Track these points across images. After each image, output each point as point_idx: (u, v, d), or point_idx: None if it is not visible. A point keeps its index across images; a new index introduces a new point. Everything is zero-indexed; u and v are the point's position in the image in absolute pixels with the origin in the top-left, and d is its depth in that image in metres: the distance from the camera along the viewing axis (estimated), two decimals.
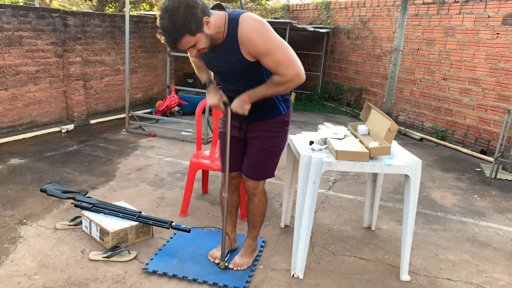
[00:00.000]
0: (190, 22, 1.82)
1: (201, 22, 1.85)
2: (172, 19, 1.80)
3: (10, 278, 2.34)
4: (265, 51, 1.95)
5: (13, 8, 4.92)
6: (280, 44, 1.98)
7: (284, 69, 1.99)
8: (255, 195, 2.44)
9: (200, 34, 1.88)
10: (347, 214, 3.44)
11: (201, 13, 1.84)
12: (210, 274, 2.45)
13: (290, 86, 2.06)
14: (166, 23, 1.82)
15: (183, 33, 1.84)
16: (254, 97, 2.12)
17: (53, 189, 3.07)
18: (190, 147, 5.09)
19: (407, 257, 2.53)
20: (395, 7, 6.96)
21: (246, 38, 1.94)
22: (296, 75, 2.01)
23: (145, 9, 10.36)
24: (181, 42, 1.88)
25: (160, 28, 1.86)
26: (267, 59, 1.97)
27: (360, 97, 7.91)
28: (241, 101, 2.15)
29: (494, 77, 5.36)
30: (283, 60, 1.98)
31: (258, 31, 1.93)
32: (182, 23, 1.81)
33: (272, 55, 1.96)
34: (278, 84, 2.05)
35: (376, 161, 2.35)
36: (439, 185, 4.28)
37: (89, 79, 5.96)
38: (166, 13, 1.81)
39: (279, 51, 1.97)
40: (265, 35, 1.94)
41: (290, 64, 1.99)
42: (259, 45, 1.94)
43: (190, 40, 1.88)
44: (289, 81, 2.02)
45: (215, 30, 1.94)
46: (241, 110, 2.16)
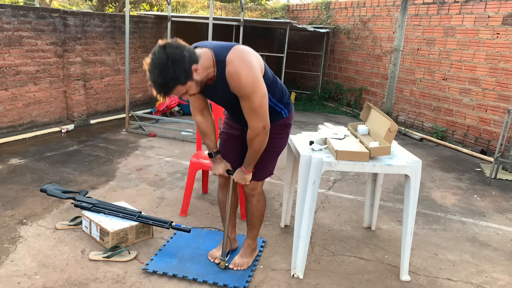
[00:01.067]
0: (178, 75, 1.86)
1: (189, 72, 1.89)
2: (161, 75, 1.85)
3: (10, 278, 2.34)
4: (245, 96, 2.02)
5: (13, 8, 4.92)
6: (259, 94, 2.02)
7: (253, 119, 2.07)
8: (253, 196, 2.45)
9: (190, 82, 1.92)
10: (347, 214, 3.44)
11: (189, 63, 1.88)
12: (210, 274, 2.45)
13: (259, 140, 2.14)
14: (156, 78, 1.86)
15: (173, 85, 1.89)
16: (250, 165, 2.26)
17: (53, 189, 3.07)
18: (190, 147, 5.09)
19: (407, 257, 2.53)
20: (395, 7, 6.96)
21: (231, 81, 1.99)
22: (262, 129, 2.09)
23: (145, 9, 10.36)
24: (173, 92, 1.94)
25: (150, 81, 1.90)
26: (244, 103, 2.05)
27: (360, 97, 7.91)
28: (241, 173, 2.30)
29: (494, 77, 5.36)
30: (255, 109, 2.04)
31: (241, 77, 1.96)
32: (171, 78, 1.86)
33: (249, 101, 2.02)
34: (251, 141, 2.15)
35: (376, 161, 2.35)
36: (439, 185, 4.28)
37: (89, 79, 5.96)
38: (155, 69, 1.85)
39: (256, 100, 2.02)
40: (247, 81, 1.97)
41: (260, 115, 2.06)
42: (240, 90, 2.00)
43: (181, 89, 1.93)
44: (257, 135, 2.11)
45: (204, 72, 1.99)
46: (243, 181, 2.32)
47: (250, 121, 2.10)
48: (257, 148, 2.18)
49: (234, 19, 6.98)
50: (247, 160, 2.25)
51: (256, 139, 2.14)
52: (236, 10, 10.25)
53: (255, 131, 2.11)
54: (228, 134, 2.44)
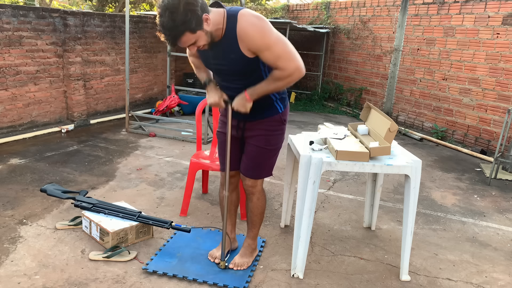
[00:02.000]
0: (190, 19, 1.81)
1: (201, 20, 1.85)
2: (172, 17, 1.80)
3: (10, 278, 2.34)
4: (264, 46, 1.95)
5: (13, 8, 4.92)
6: (279, 38, 1.98)
7: (284, 63, 1.98)
8: (254, 194, 2.44)
9: (200, 31, 1.87)
10: (347, 214, 3.44)
11: (201, 11, 1.84)
12: (210, 274, 2.45)
13: (291, 81, 2.05)
14: (166, 21, 1.81)
15: (183, 30, 1.84)
16: (256, 94, 2.12)
17: (53, 189, 3.07)
18: (190, 147, 5.09)
19: (407, 257, 2.53)
20: (395, 7, 6.96)
21: (245, 34, 1.94)
22: (296, 69, 2.01)
23: (145, 9, 10.36)
24: (181, 40, 1.88)
25: (160, 26, 1.85)
26: (266, 54, 1.97)
27: (360, 97, 7.91)
28: (242, 99, 2.15)
29: (494, 77, 5.36)
30: (282, 54, 1.98)
31: (256, 26, 1.93)
32: (182, 21, 1.81)
33: (271, 49, 1.96)
34: (279, 79, 2.04)
35: (376, 161, 2.35)
36: (439, 185, 4.28)
37: (89, 79, 5.96)
38: (166, 11, 1.80)
39: (279, 45, 1.97)
40: (264, 30, 1.94)
41: (290, 57, 1.99)
42: (258, 39, 1.94)
43: (190, 37, 1.88)
44: (290, 75, 2.02)
45: (214, 27, 1.94)
46: (243, 108, 2.16)
47: (281, 64, 1.98)
48: (278, 86, 2.07)
49: None
50: (255, 88, 2.11)
51: (286, 80, 2.03)
52: None
53: (288, 71, 1.99)
54: (226, 134, 2.42)
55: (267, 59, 1.99)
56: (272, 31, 1.97)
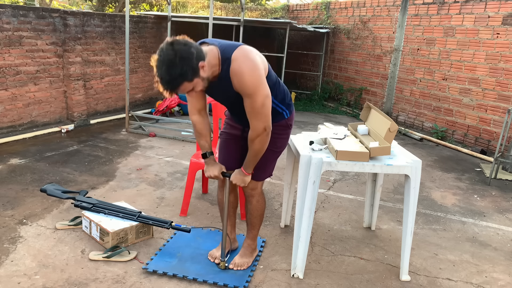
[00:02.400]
0: (186, 71, 1.87)
1: (197, 69, 1.90)
2: (168, 71, 1.86)
3: (10, 278, 2.34)
4: (247, 95, 2.03)
5: (13, 8, 4.92)
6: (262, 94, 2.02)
7: (255, 119, 2.08)
8: (253, 196, 2.45)
9: (197, 79, 1.93)
10: (347, 214, 3.44)
11: (196, 60, 1.89)
12: (210, 274, 2.45)
13: (262, 140, 2.13)
14: (164, 75, 1.87)
15: (181, 82, 1.90)
16: (249, 166, 2.25)
17: (53, 189, 3.07)
18: (190, 147, 5.09)
19: (407, 257, 2.52)
20: (395, 7, 6.96)
21: (235, 79, 2.01)
22: (263, 129, 2.09)
23: (145, 9, 10.36)
24: (179, 89, 1.94)
25: (157, 78, 1.90)
26: (247, 102, 2.06)
27: (360, 97, 7.91)
28: (240, 175, 2.28)
29: (494, 77, 5.36)
30: (257, 109, 2.04)
31: (244, 76, 1.98)
32: (179, 74, 1.86)
33: (251, 100, 2.03)
34: (252, 141, 2.14)
35: (376, 161, 2.35)
36: (439, 185, 4.28)
37: (89, 79, 5.96)
38: (162, 65, 1.86)
39: (259, 100, 2.02)
40: (250, 81, 1.99)
41: (262, 116, 2.06)
42: (244, 88, 2.01)
43: (188, 86, 1.94)
44: (258, 135, 2.11)
45: (210, 70, 2.00)
46: (242, 183, 2.30)
47: (252, 121, 2.10)
48: (257, 148, 2.17)
49: (234, 19, 6.98)
50: (247, 161, 2.24)
51: (257, 140, 2.13)
52: (236, 10, 10.25)
53: (256, 132, 2.11)
54: (229, 134, 2.45)
55: (246, 105, 2.07)
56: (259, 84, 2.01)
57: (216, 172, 2.32)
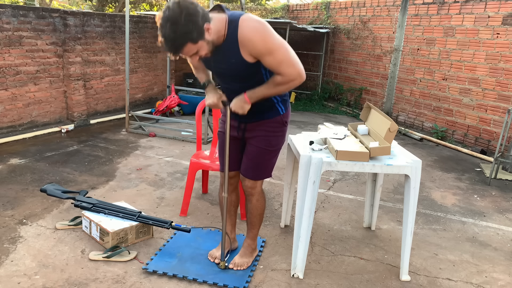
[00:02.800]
0: (192, 30, 1.81)
1: (202, 30, 1.85)
2: (173, 28, 1.80)
3: (10, 278, 2.34)
4: (266, 51, 1.95)
5: (13, 8, 4.92)
6: (281, 43, 1.98)
7: (285, 68, 1.99)
8: (253, 195, 2.45)
9: (201, 41, 1.88)
10: (347, 214, 3.44)
11: (202, 20, 1.84)
12: (210, 274, 2.45)
13: (291, 86, 2.06)
14: (168, 33, 1.81)
15: (185, 42, 1.84)
16: (255, 97, 2.12)
17: (53, 189, 3.07)
18: (190, 147, 5.09)
19: (407, 257, 2.52)
20: (395, 7, 6.96)
21: (246, 39, 1.94)
22: (298, 75, 2.01)
23: (145, 9, 10.36)
24: (183, 50, 1.88)
25: (161, 37, 1.85)
26: (268, 59, 1.98)
27: (360, 97, 7.91)
28: (241, 101, 2.15)
29: (494, 77, 5.36)
30: (284, 60, 1.98)
31: (258, 32, 1.93)
32: (183, 32, 1.81)
33: (273, 55, 1.96)
34: (280, 83, 2.05)
35: (376, 161, 2.35)
36: (439, 185, 4.28)
37: (89, 79, 5.96)
38: (167, 22, 1.80)
39: (280, 50, 1.97)
40: (266, 35, 1.94)
41: (291, 63, 1.99)
42: (259, 45, 1.94)
43: (192, 48, 1.88)
44: (291, 81, 2.03)
45: (215, 34, 1.94)
46: (241, 110, 2.16)
47: (282, 70, 1.99)
48: (279, 90, 2.08)
49: None
50: (256, 90, 2.11)
51: (287, 85, 2.04)
52: (236, 10, 10.25)
53: (289, 76, 2.00)
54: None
55: (269, 64, 2.00)
56: (274, 37, 1.97)
57: (216, 99, 2.22)
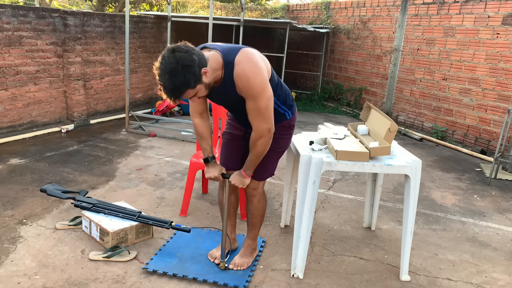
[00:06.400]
0: (189, 79, 1.88)
1: (199, 75, 1.91)
2: (171, 80, 1.87)
3: (10, 278, 2.34)
4: (251, 97, 2.03)
5: (13, 8, 4.92)
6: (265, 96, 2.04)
7: (258, 121, 2.08)
8: (254, 196, 2.45)
9: (199, 85, 1.94)
10: (347, 214, 3.44)
11: (198, 67, 1.89)
12: (210, 274, 2.45)
13: (264, 142, 2.14)
14: (166, 83, 1.88)
15: (184, 90, 1.92)
16: (249, 169, 2.26)
17: (53, 189, 3.07)
18: (190, 147, 5.09)
19: (407, 257, 2.53)
20: (395, 7, 6.96)
21: (239, 82, 2.01)
22: (266, 131, 2.10)
23: (145, 9, 10.36)
24: (182, 96, 1.95)
25: (160, 85, 1.90)
26: (250, 104, 2.06)
27: (360, 97, 7.91)
28: (240, 177, 2.29)
29: (494, 77, 5.36)
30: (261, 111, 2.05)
31: (248, 79, 1.99)
32: (181, 82, 1.88)
33: (255, 102, 2.03)
34: (254, 143, 2.15)
35: (376, 161, 2.35)
36: (439, 185, 4.28)
37: (89, 79, 5.96)
38: (165, 74, 1.86)
39: (263, 102, 2.03)
40: (255, 82, 2.00)
41: (266, 117, 2.07)
42: (247, 91, 2.02)
43: (191, 92, 1.95)
44: (260, 137, 2.11)
45: (213, 75, 2.00)
46: (241, 185, 2.30)
47: (254, 122, 2.10)
48: (259, 151, 2.18)
49: (234, 19, 6.98)
50: (247, 163, 2.25)
51: (260, 141, 2.14)
52: (236, 10, 10.25)
53: (259, 133, 2.11)
54: (232, 134, 2.45)
55: (248, 107, 2.08)
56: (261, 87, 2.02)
57: (216, 173, 2.33)
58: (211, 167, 2.36)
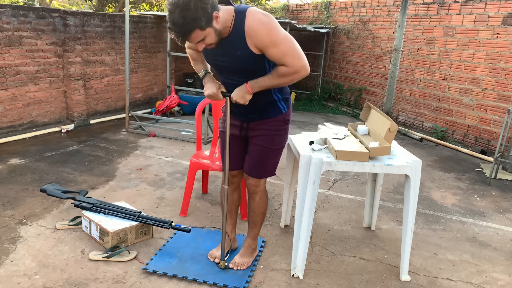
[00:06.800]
0: (200, 17, 1.83)
1: (211, 17, 1.87)
2: (182, 14, 1.81)
3: (10, 278, 2.34)
4: (271, 43, 1.97)
5: (13, 8, 4.92)
6: (286, 36, 2.01)
7: (290, 60, 2.01)
8: (256, 193, 2.45)
9: (209, 28, 1.89)
10: (347, 214, 3.44)
11: (211, 8, 1.86)
12: (210, 274, 2.45)
13: (295, 78, 2.08)
14: (177, 18, 1.82)
15: (193, 27, 1.85)
16: (258, 87, 2.11)
17: (53, 189, 3.07)
18: (190, 147, 5.09)
19: (407, 257, 2.53)
20: (395, 7, 6.96)
21: (252, 30, 1.95)
22: (302, 67, 2.04)
23: (145, 9, 10.36)
24: (191, 36, 1.89)
25: (169, 23, 1.85)
26: (273, 50, 1.99)
27: (360, 97, 7.91)
28: (243, 91, 2.12)
29: (494, 77, 5.36)
30: (289, 51, 2.00)
31: (264, 24, 1.95)
32: (192, 18, 1.82)
33: (278, 47, 1.98)
34: (283, 75, 2.06)
35: (376, 161, 2.35)
36: (439, 185, 4.28)
37: (89, 79, 5.96)
38: (176, 8, 1.81)
39: (285, 42, 1.99)
40: (271, 27, 1.96)
41: (296, 55, 2.01)
42: (265, 36, 1.96)
43: (200, 34, 1.89)
44: (295, 72, 2.05)
45: (222, 25, 1.96)
46: (242, 100, 2.14)
47: (287, 61, 2.00)
48: (281, 81, 2.09)
49: None
50: (259, 80, 2.10)
51: (290, 77, 2.05)
52: None
53: (294, 68, 2.02)
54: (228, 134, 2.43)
55: (273, 56, 2.01)
56: (279, 29, 1.99)
57: (215, 89, 2.20)
58: (208, 82, 2.24)
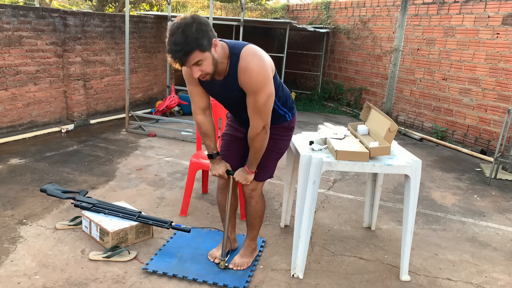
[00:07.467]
0: (202, 37, 1.87)
1: (211, 41, 1.91)
2: (185, 33, 1.84)
3: (10, 278, 2.34)
4: (252, 92, 2.03)
5: (13, 8, 4.92)
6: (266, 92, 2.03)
7: (255, 117, 2.09)
8: (252, 198, 2.45)
9: (208, 53, 1.92)
10: (347, 214, 3.44)
11: (211, 33, 1.91)
12: (210, 274, 2.45)
13: (260, 139, 2.15)
14: (179, 38, 1.84)
15: (194, 47, 1.87)
16: (252, 165, 2.28)
17: (53, 189, 3.07)
18: (190, 147, 5.09)
19: (407, 257, 2.53)
20: (395, 7, 6.96)
21: (242, 75, 2.00)
22: (261, 128, 2.11)
23: (145, 9, 10.36)
24: (190, 57, 1.89)
25: (170, 45, 1.86)
26: (250, 99, 2.06)
27: (360, 97, 7.91)
28: (243, 173, 2.31)
29: (494, 77, 5.36)
30: (260, 107, 2.05)
31: (253, 72, 1.98)
32: (194, 37, 1.85)
33: (255, 97, 2.03)
34: (252, 140, 2.16)
35: (376, 161, 2.35)
36: (439, 185, 4.28)
37: (89, 79, 5.96)
38: (178, 29, 1.85)
39: (262, 98, 2.03)
40: (258, 76, 1.99)
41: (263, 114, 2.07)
42: (249, 85, 2.01)
43: (199, 56, 1.90)
44: (257, 134, 2.13)
45: (219, 58, 1.99)
46: (245, 181, 2.33)
47: (252, 118, 2.11)
48: (257, 147, 2.19)
49: (234, 19, 6.98)
50: (249, 160, 2.27)
51: (257, 138, 2.15)
52: (236, 10, 10.25)
53: (255, 130, 2.12)
54: (232, 136, 2.45)
55: (247, 102, 2.08)
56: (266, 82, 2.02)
57: (221, 170, 2.35)
58: (215, 163, 2.37)
